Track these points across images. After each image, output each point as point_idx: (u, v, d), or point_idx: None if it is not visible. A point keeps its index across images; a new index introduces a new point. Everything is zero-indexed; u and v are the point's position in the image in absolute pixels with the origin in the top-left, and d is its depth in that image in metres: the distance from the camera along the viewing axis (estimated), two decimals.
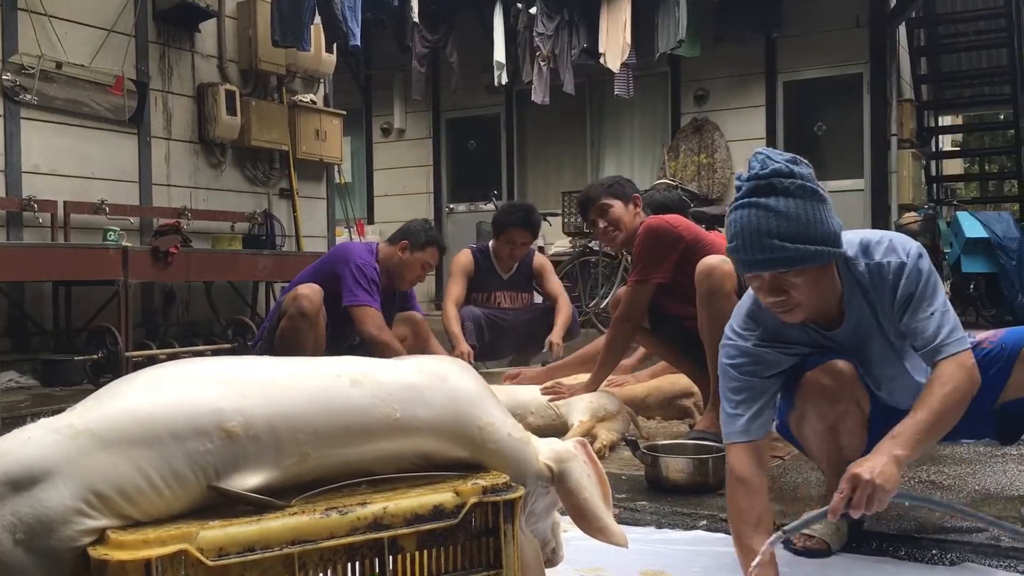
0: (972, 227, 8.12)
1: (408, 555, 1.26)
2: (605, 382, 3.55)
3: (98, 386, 5.34)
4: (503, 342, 4.82)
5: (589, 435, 3.16)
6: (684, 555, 2.11)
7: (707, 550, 2.16)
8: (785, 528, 1.77)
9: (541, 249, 7.06)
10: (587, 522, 1.45)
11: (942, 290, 1.90)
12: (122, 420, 1.19)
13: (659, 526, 2.31)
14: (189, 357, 6.12)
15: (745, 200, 1.82)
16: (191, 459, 1.20)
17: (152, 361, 5.81)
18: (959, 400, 1.79)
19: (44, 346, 5.87)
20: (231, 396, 1.25)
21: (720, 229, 4.73)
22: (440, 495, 1.29)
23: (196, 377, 1.28)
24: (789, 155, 1.85)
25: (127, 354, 5.42)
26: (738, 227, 1.81)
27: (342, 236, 9.32)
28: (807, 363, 2.00)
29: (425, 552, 1.27)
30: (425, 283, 8.48)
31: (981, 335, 2.08)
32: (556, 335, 4.47)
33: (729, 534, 2.23)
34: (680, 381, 3.61)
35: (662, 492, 2.56)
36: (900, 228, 8.85)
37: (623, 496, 2.56)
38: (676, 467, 2.56)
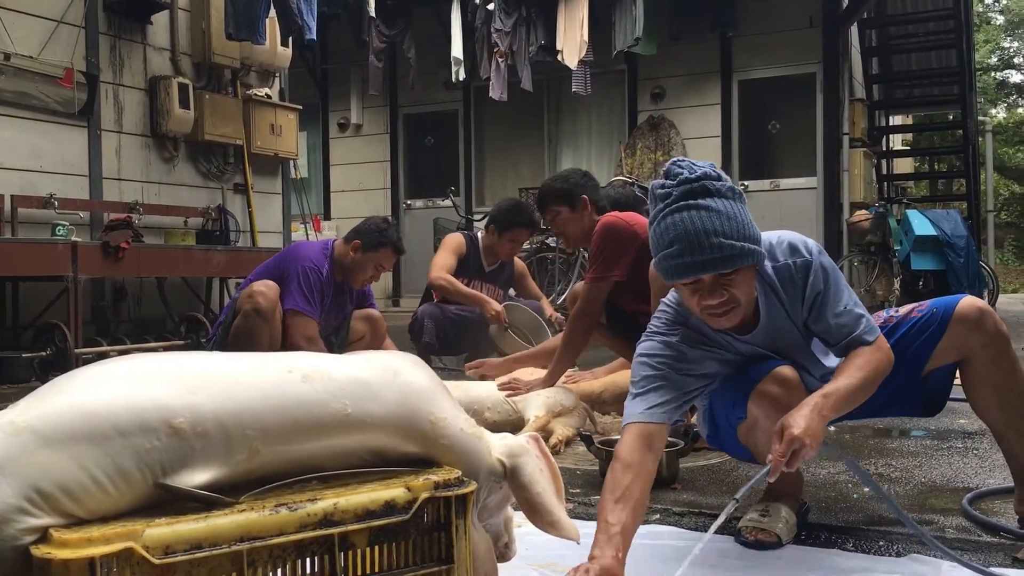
0: (921, 225, 8.28)
1: (359, 551, 1.25)
2: (562, 378, 3.57)
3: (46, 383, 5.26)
4: (463, 338, 4.84)
5: (545, 430, 3.17)
6: (638, 549, 2.10)
7: (662, 543, 2.17)
8: (737, 496, 1.77)
9: None
10: (539, 516, 1.46)
11: (845, 282, 1.96)
12: (65, 416, 1.17)
13: None
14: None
15: (680, 204, 1.79)
16: (137, 456, 1.18)
17: (102, 358, 5.71)
18: (878, 377, 1.89)
19: None
20: (178, 392, 1.23)
21: None
22: (391, 491, 1.28)
23: (142, 373, 1.26)
24: (706, 162, 1.87)
25: (76, 351, 5.32)
26: (680, 230, 1.78)
27: (298, 232, 9.25)
28: (751, 374, 2.01)
29: (376, 548, 1.26)
30: (382, 280, 8.45)
31: (906, 308, 2.12)
32: (549, 310, 4.74)
33: (682, 528, 2.26)
34: None
35: None
36: (852, 226, 9.02)
37: (577, 491, 2.57)
38: None
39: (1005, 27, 24.55)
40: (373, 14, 8.82)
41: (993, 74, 24.20)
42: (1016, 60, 24.71)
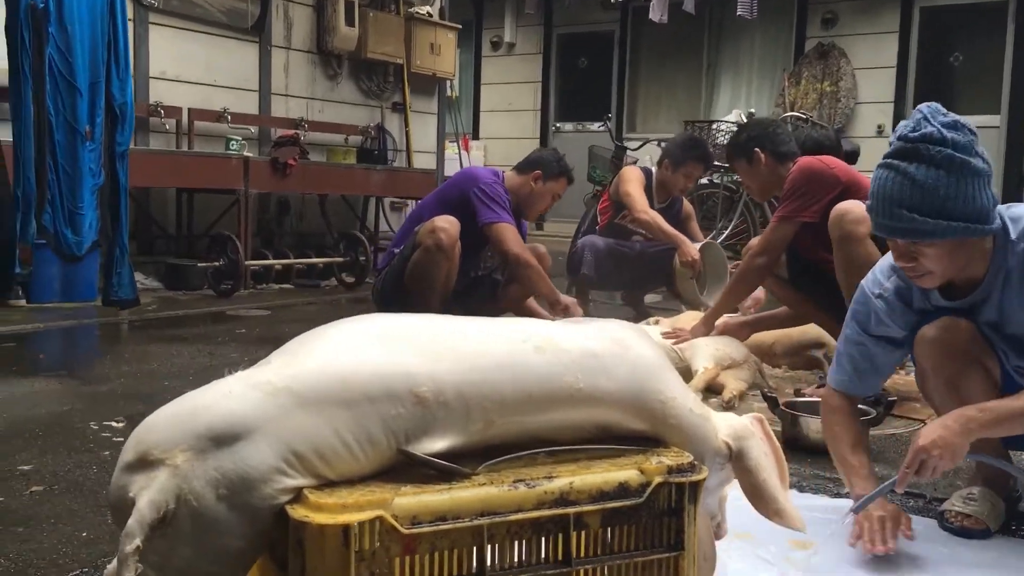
0: None
1: (591, 532, 1.23)
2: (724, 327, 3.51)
3: (218, 292, 5.53)
4: (623, 273, 4.78)
5: (714, 383, 3.10)
6: (829, 525, 2.05)
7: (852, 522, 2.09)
8: (854, 508, 1.87)
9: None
10: (764, 503, 1.41)
11: None
12: (320, 379, 1.18)
13: (800, 489, 2.26)
14: (303, 268, 6.19)
15: (887, 161, 1.76)
16: (383, 422, 1.19)
17: (269, 271, 5.95)
18: None
19: (167, 250, 6.06)
20: (422, 360, 1.23)
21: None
22: (625, 472, 1.26)
23: (385, 336, 1.27)
24: (951, 119, 1.74)
25: (247, 263, 5.55)
26: (874, 188, 1.79)
27: (449, 151, 9.30)
28: (926, 320, 1.94)
29: (608, 530, 1.24)
30: None
31: None
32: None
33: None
34: (810, 330, 3.49)
35: (800, 452, 2.49)
36: None
37: None
38: (818, 428, 2.48)
39: None
40: None
41: None
42: None
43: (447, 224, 3.41)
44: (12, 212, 2.57)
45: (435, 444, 1.23)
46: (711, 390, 3.10)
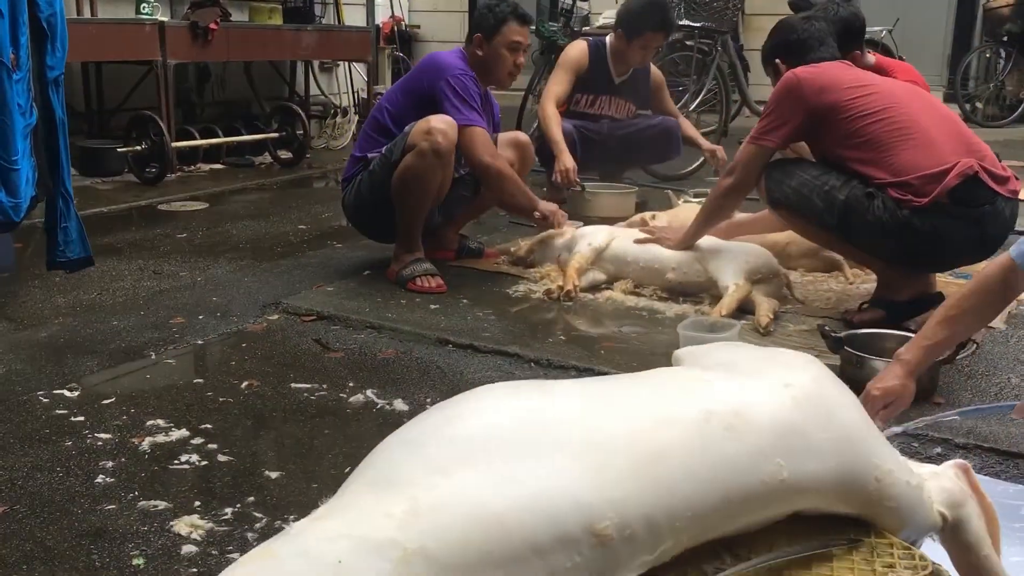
0: None
1: None
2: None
3: (142, 179, 4.93)
4: (594, 156, 4.39)
5: (747, 301, 2.81)
6: None
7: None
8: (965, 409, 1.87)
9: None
10: None
11: None
12: (466, 533, 0.82)
13: None
14: (232, 144, 5.60)
15: None
16: None
17: (197, 151, 5.34)
18: None
19: (77, 129, 5.34)
20: (596, 480, 0.88)
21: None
22: None
23: (544, 440, 0.89)
24: None
25: (172, 145, 4.94)
26: None
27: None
28: None
29: None
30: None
31: None
32: (707, 144, 4.36)
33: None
34: None
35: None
36: (989, 12, 8.16)
37: None
38: None
39: None
40: None
41: None
42: None
43: (445, 126, 2.91)
44: None
45: None
46: (741, 308, 2.80)
